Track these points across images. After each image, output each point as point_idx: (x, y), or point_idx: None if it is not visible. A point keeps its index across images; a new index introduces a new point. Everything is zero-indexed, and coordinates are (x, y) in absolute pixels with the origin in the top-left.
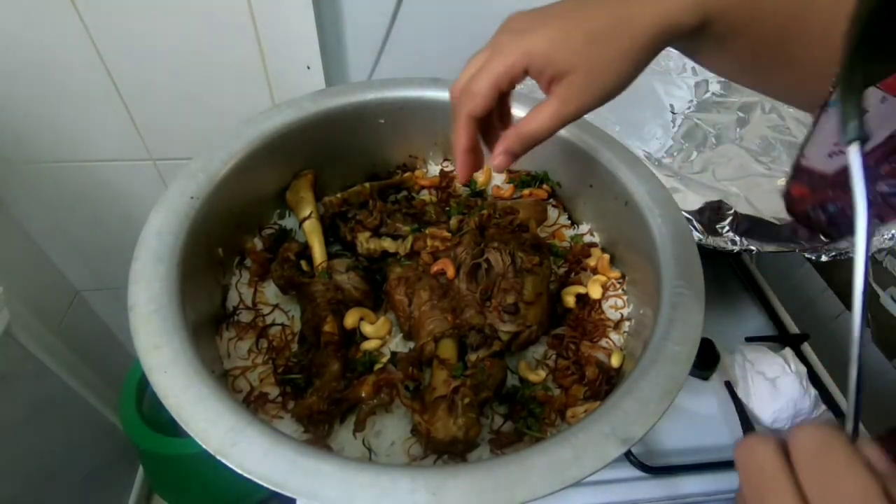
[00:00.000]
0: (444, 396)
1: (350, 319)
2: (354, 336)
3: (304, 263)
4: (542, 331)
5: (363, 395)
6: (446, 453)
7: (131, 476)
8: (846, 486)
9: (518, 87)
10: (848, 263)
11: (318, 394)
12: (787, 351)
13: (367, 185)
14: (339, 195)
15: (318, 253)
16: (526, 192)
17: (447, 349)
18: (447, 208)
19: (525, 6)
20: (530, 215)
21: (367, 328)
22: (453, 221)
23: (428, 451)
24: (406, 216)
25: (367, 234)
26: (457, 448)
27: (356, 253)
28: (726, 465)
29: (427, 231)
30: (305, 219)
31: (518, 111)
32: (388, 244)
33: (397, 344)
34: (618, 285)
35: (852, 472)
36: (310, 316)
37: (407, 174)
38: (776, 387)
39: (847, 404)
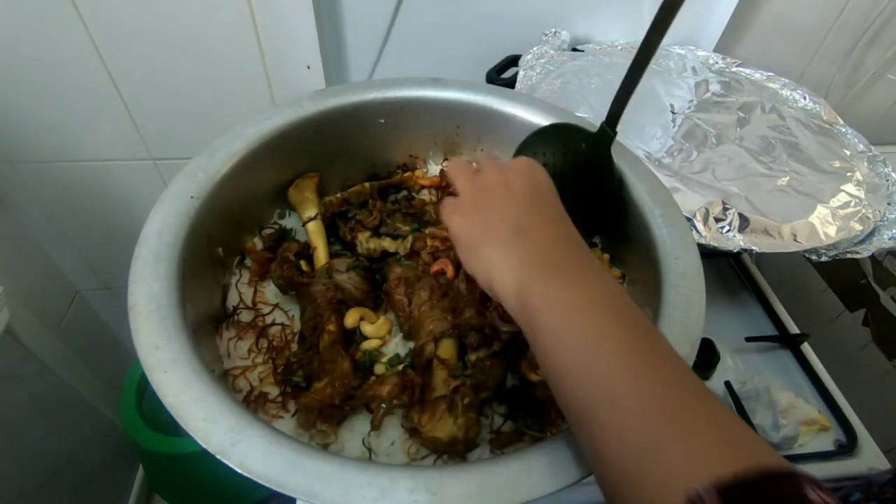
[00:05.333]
0: (444, 396)
1: (350, 319)
2: (354, 336)
3: (303, 263)
4: None
5: (384, 393)
6: (446, 453)
7: (131, 476)
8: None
9: (518, 87)
10: (848, 263)
11: (331, 387)
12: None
13: (367, 184)
14: (339, 195)
15: (322, 255)
16: None
17: (447, 349)
18: None
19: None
20: None
21: (367, 328)
22: None
23: (426, 449)
24: (406, 216)
25: (367, 233)
26: (457, 448)
27: (356, 252)
28: None
29: (427, 231)
30: (311, 219)
31: (518, 111)
32: (388, 244)
33: (397, 344)
34: None
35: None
36: (310, 316)
37: (407, 174)
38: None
39: None
